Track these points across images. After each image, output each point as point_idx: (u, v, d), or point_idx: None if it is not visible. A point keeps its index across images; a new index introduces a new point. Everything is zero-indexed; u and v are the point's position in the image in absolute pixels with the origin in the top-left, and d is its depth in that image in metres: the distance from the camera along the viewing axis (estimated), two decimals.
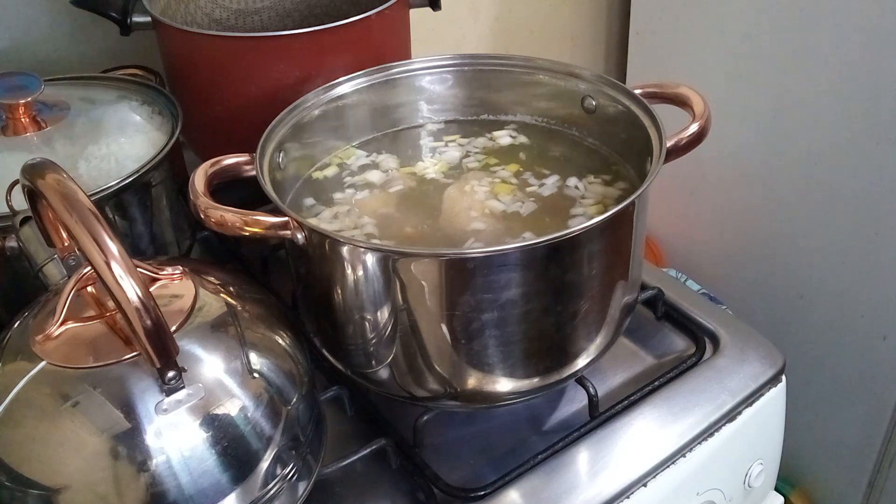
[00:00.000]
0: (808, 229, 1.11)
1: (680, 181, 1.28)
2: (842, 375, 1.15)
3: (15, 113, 0.65)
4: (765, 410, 0.66)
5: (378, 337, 0.54)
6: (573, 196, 0.63)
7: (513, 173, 0.65)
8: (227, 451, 0.45)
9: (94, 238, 0.40)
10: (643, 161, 0.59)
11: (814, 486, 1.27)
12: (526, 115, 0.71)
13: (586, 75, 0.66)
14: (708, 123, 0.59)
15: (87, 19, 0.83)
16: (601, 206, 0.61)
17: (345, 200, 0.64)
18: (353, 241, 0.51)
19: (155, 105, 0.72)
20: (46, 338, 0.45)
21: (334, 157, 0.69)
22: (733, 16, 1.10)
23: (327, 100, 0.66)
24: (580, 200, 0.62)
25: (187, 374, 0.44)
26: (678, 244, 1.36)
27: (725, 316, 0.72)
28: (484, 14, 1.23)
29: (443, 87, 0.71)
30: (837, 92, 1.01)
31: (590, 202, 0.62)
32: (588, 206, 0.61)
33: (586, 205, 0.62)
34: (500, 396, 0.57)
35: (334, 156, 0.69)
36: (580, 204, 0.62)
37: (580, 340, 0.56)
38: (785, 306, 1.19)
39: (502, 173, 0.66)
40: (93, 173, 0.63)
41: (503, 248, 0.49)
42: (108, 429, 0.42)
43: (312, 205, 0.64)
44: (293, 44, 0.71)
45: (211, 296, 0.49)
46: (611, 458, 0.59)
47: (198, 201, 0.52)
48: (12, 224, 0.54)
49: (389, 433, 0.59)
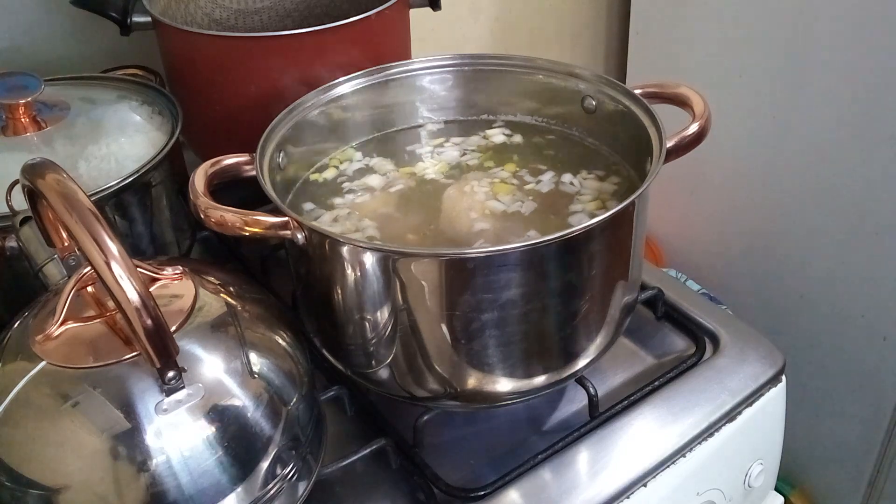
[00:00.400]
0: (808, 229, 1.11)
1: (680, 181, 1.28)
2: (842, 375, 1.15)
3: (15, 113, 0.65)
4: (765, 410, 0.66)
5: (378, 337, 0.54)
6: (570, 193, 0.63)
7: (511, 173, 0.66)
8: (227, 451, 0.45)
9: (94, 238, 0.40)
10: (643, 161, 0.59)
11: (814, 486, 1.27)
12: (526, 115, 0.71)
13: (586, 75, 0.66)
14: (708, 123, 0.59)
15: (87, 19, 0.83)
16: (599, 202, 0.61)
17: (344, 202, 0.64)
18: (353, 241, 0.51)
19: (155, 105, 0.72)
20: (46, 338, 0.45)
21: (334, 158, 0.69)
22: (733, 16, 1.10)
23: (327, 100, 0.66)
24: (577, 197, 0.62)
25: (187, 374, 0.44)
26: (678, 244, 1.36)
27: (725, 316, 0.72)
28: (484, 14, 1.23)
29: (442, 87, 0.71)
30: (837, 92, 1.01)
31: (587, 198, 0.62)
32: (586, 203, 0.61)
33: (584, 201, 0.62)
34: (500, 396, 0.57)
35: (334, 156, 0.69)
36: (578, 201, 0.62)
37: (580, 340, 0.56)
38: (785, 306, 1.19)
39: (501, 174, 0.66)
40: (93, 173, 0.63)
41: (503, 248, 0.49)
42: (108, 429, 0.42)
43: (312, 208, 0.64)
44: (293, 44, 0.71)
45: (211, 296, 0.49)
46: (611, 458, 0.59)
47: (198, 201, 0.52)
48: (12, 224, 0.54)
49: (389, 433, 0.59)
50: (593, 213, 0.61)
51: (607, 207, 0.61)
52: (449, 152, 0.69)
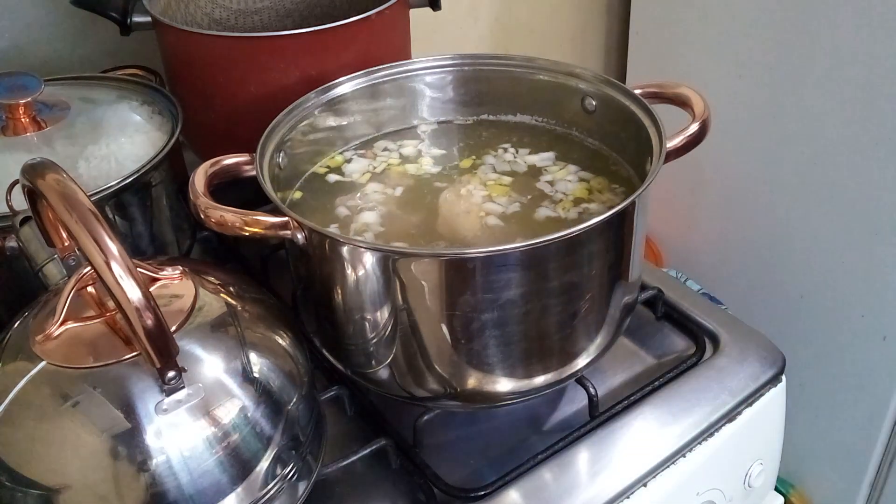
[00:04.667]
0: (808, 229, 1.12)
1: (680, 181, 1.29)
2: (842, 375, 1.15)
3: (15, 113, 0.65)
4: (765, 410, 0.66)
5: (378, 337, 0.54)
6: (570, 193, 0.63)
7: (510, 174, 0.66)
8: (227, 451, 0.45)
9: (94, 238, 0.40)
10: (643, 161, 0.59)
11: (814, 486, 1.27)
12: (526, 115, 0.71)
13: (586, 75, 0.66)
14: (708, 123, 0.59)
15: (87, 19, 0.83)
16: (599, 203, 0.61)
17: (344, 203, 0.64)
18: (353, 241, 0.51)
19: (155, 105, 0.72)
20: (46, 338, 0.45)
21: (334, 158, 0.69)
22: (733, 16, 1.10)
23: (327, 100, 0.66)
24: (577, 197, 0.62)
25: (187, 374, 0.44)
26: (678, 244, 1.36)
27: (725, 316, 0.72)
28: (484, 14, 1.23)
29: (442, 87, 0.71)
30: (837, 92, 1.01)
31: (587, 198, 0.62)
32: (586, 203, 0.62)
33: (584, 201, 0.62)
34: (500, 396, 0.57)
35: (334, 156, 0.69)
36: (578, 201, 0.62)
37: (580, 340, 0.56)
38: (785, 306, 1.19)
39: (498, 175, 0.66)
40: (93, 173, 0.63)
41: (503, 248, 0.49)
42: (108, 429, 0.42)
43: (311, 210, 0.64)
44: (293, 44, 0.71)
45: (211, 296, 0.49)
46: (611, 458, 0.59)
47: (198, 201, 0.52)
48: (12, 224, 0.54)
49: (389, 433, 0.59)
50: (593, 213, 0.61)
51: (607, 207, 0.61)
52: (448, 153, 0.69)
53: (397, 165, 0.68)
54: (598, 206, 0.62)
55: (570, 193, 0.63)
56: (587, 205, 0.62)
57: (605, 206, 0.62)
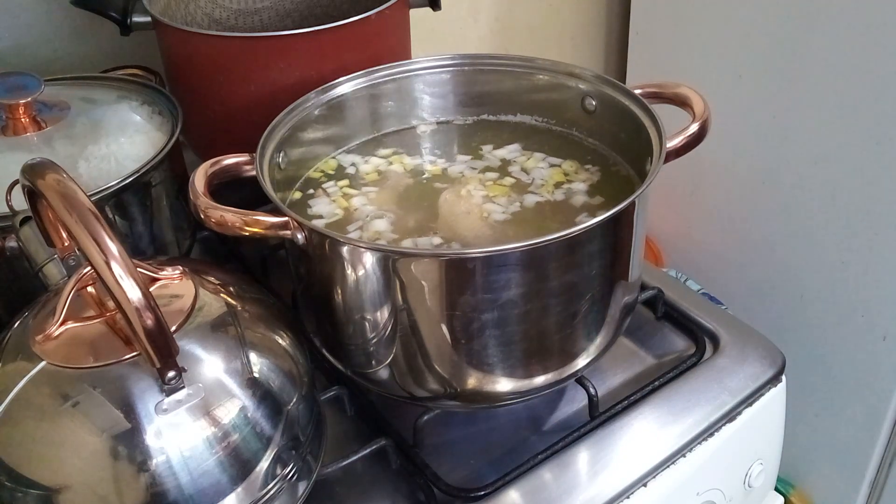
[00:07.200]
0: (807, 229, 1.11)
1: (680, 181, 1.28)
2: (842, 375, 1.15)
3: (15, 113, 0.65)
4: (765, 410, 0.66)
5: (378, 337, 0.54)
6: (569, 193, 0.63)
7: (509, 174, 0.66)
8: (227, 451, 0.45)
9: (94, 238, 0.40)
10: (643, 161, 0.59)
11: (814, 486, 1.27)
12: (526, 116, 0.71)
13: (586, 75, 0.66)
14: (708, 123, 0.59)
15: (87, 19, 0.83)
16: (599, 203, 0.61)
17: (344, 203, 0.64)
18: (352, 241, 0.51)
19: (155, 105, 0.72)
20: (46, 338, 0.45)
21: (334, 158, 0.69)
22: (733, 16, 1.10)
23: (327, 100, 0.66)
24: (577, 197, 0.62)
25: (187, 374, 0.44)
26: (678, 244, 1.36)
27: (725, 316, 0.72)
28: (484, 14, 1.23)
29: (442, 87, 0.71)
30: (837, 92, 1.01)
31: (587, 198, 0.62)
32: (586, 203, 0.62)
33: (584, 201, 0.62)
34: (500, 396, 0.57)
35: (334, 156, 0.69)
36: (578, 201, 0.62)
37: (580, 340, 0.56)
38: (785, 306, 1.19)
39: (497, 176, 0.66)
40: (93, 173, 0.63)
41: (503, 248, 0.49)
42: (108, 429, 0.42)
43: (312, 210, 0.64)
44: (293, 44, 0.71)
45: (211, 296, 0.49)
46: (611, 458, 0.59)
47: (198, 201, 0.52)
48: (12, 224, 0.54)
49: (389, 433, 0.59)
50: (593, 214, 0.61)
51: (607, 208, 0.61)
52: (448, 153, 0.69)
53: (397, 166, 0.68)
54: (581, 185, 0.62)
55: (547, 180, 0.63)
56: (569, 185, 0.62)
57: (587, 185, 0.62)
